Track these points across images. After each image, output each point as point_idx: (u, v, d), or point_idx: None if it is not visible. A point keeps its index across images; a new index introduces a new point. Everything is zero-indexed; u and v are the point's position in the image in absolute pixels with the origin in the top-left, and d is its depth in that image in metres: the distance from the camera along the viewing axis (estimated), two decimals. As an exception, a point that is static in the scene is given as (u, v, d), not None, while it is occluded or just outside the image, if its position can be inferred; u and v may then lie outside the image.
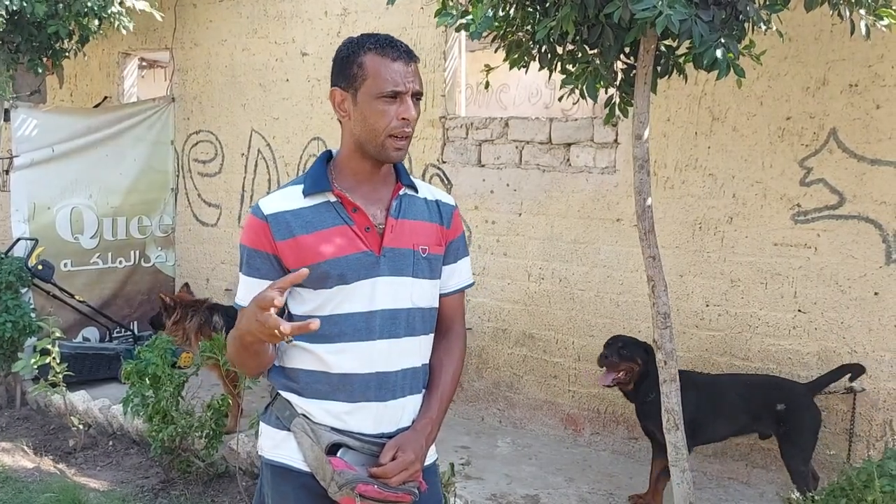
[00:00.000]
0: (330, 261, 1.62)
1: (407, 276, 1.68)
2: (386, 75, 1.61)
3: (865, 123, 3.59)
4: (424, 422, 1.69)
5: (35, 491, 3.75)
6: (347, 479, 1.56)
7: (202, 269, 6.25)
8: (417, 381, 1.73)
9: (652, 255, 2.92)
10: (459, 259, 1.83)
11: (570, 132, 4.42)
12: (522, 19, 2.91)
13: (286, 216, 1.64)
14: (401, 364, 1.68)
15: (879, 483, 2.32)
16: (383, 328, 1.66)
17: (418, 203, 1.75)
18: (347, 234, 1.64)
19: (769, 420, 3.48)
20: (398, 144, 1.64)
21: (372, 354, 1.65)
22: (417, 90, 1.65)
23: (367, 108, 1.63)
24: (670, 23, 2.31)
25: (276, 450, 1.71)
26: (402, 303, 1.68)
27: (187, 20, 6.14)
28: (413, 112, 1.63)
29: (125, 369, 3.90)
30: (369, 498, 1.56)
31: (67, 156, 5.65)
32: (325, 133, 5.46)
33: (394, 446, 1.61)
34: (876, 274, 3.61)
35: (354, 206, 1.66)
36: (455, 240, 1.81)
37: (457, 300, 1.84)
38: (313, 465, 1.63)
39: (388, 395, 1.66)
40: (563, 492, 3.80)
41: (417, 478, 1.62)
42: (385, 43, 1.65)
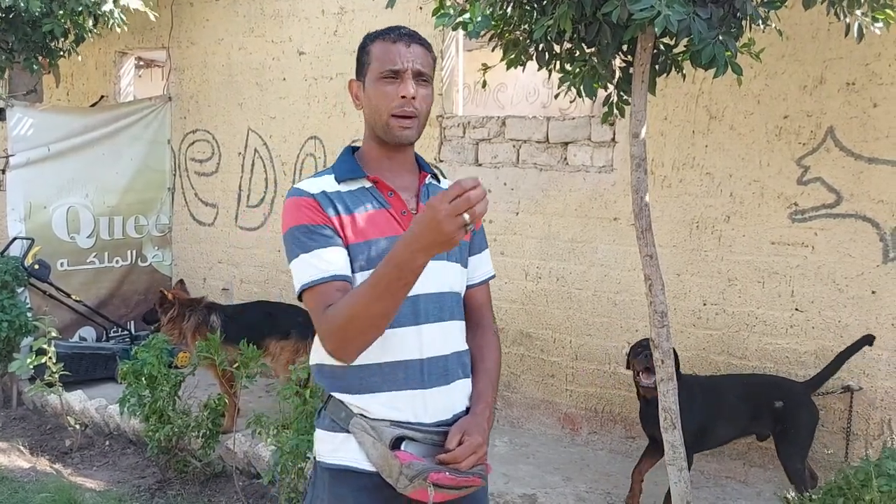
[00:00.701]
0: (373, 241, 1.62)
1: (443, 260, 1.68)
2: (384, 56, 1.64)
3: (863, 122, 3.59)
4: (482, 406, 1.69)
5: (31, 491, 3.74)
6: (418, 470, 1.53)
7: (199, 268, 6.24)
8: (464, 364, 1.73)
9: (649, 253, 2.92)
10: (483, 249, 1.86)
11: (568, 131, 4.41)
12: (520, 18, 2.91)
13: (329, 196, 1.65)
14: (449, 348, 1.69)
15: (877, 482, 2.31)
16: (429, 312, 1.65)
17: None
18: (386, 217, 1.66)
19: (767, 419, 3.48)
20: (402, 123, 1.64)
21: (421, 339, 1.64)
22: (419, 70, 1.64)
23: (372, 91, 1.66)
24: (669, 23, 2.30)
25: (335, 453, 1.66)
26: (443, 286, 1.68)
27: (184, 19, 6.13)
28: (411, 90, 1.62)
29: (122, 369, 3.90)
30: (443, 486, 1.53)
31: (64, 155, 5.64)
32: (322, 132, 5.45)
33: (459, 431, 1.59)
34: (873, 273, 3.61)
35: (391, 191, 1.68)
36: (478, 231, 1.84)
37: (485, 290, 1.86)
38: (378, 462, 1.60)
39: (440, 379, 1.66)
40: (560, 491, 3.80)
41: (484, 461, 1.61)
42: (390, 29, 1.69)
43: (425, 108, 1.68)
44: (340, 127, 5.35)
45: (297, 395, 3.33)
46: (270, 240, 5.79)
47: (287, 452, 3.21)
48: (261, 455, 3.88)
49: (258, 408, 4.21)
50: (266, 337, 4.46)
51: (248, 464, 3.97)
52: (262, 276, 5.85)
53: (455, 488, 1.56)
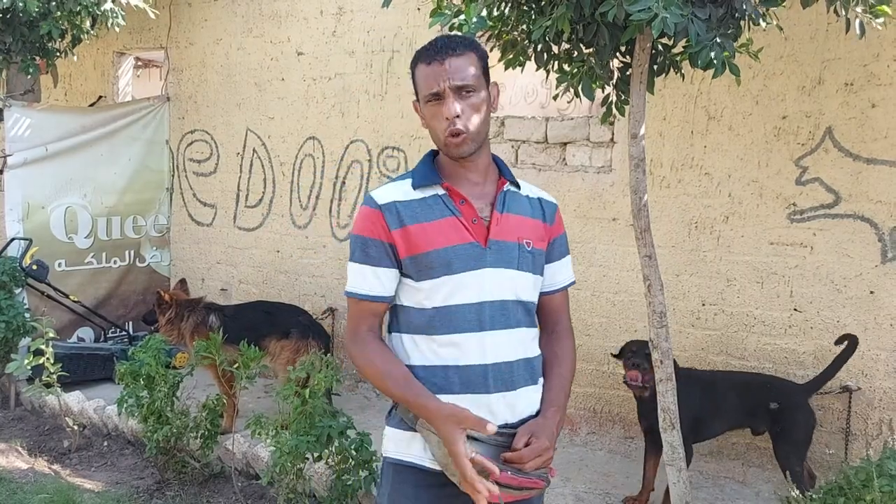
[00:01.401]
0: (438, 250, 1.67)
1: (512, 269, 1.71)
2: (423, 81, 1.70)
3: (861, 122, 3.59)
4: (553, 410, 1.71)
5: (29, 492, 3.73)
6: (481, 468, 1.55)
7: (197, 269, 6.24)
8: (532, 371, 1.75)
9: (648, 254, 2.92)
10: (564, 257, 1.88)
11: (566, 131, 4.41)
12: (517, 19, 2.90)
13: (397, 206, 1.70)
14: (515, 355, 1.71)
15: (879, 482, 2.31)
16: (494, 319, 1.69)
17: (521, 199, 1.80)
18: (455, 225, 1.69)
19: (763, 419, 3.48)
20: (455, 141, 1.68)
21: (485, 345, 1.68)
22: (458, 85, 1.66)
23: (426, 115, 1.73)
24: (666, 25, 2.30)
25: (404, 450, 1.73)
26: (508, 294, 1.71)
27: (182, 19, 6.12)
28: (452, 110, 1.65)
29: (120, 370, 3.89)
30: (505, 485, 1.56)
31: (62, 155, 5.63)
32: (320, 132, 5.45)
33: (527, 432, 1.62)
34: (871, 273, 3.61)
35: (462, 199, 1.72)
36: (558, 237, 1.86)
37: (563, 297, 1.89)
38: (442, 461, 1.63)
39: (505, 385, 1.69)
40: (559, 491, 3.79)
41: (549, 464, 1.63)
42: (425, 49, 1.72)
43: (478, 117, 1.69)
44: (339, 127, 5.35)
45: (296, 396, 3.33)
46: (269, 240, 5.78)
47: (286, 453, 3.20)
48: (259, 456, 3.87)
49: (257, 408, 4.21)
50: (266, 337, 4.46)
51: (247, 464, 3.97)
52: (260, 277, 5.84)
53: (517, 488, 1.59)
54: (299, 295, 5.56)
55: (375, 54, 5.14)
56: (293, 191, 5.62)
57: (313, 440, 3.19)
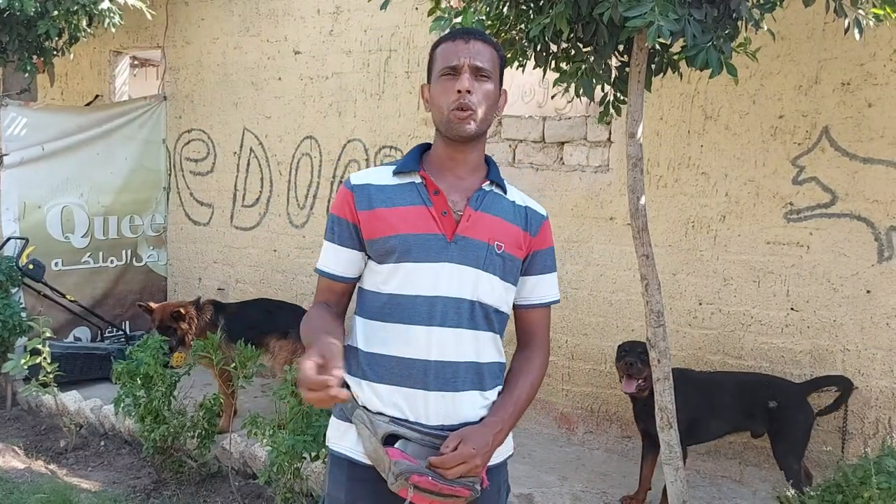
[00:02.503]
0: (399, 236, 1.65)
1: (475, 268, 1.67)
2: (442, 55, 1.69)
3: (857, 122, 3.60)
4: (495, 419, 1.66)
5: (26, 492, 3.72)
6: (402, 469, 1.54)
7: (194, 268, 6.23)
8: (480, 377, 1.69)
9: (645, 253, 2.92)
10: (546, 273, 1.81)
11: (564, 131, 4.42)
12: (516, 18, 2.91)
13: (370, 189, 1.70)
14: (461, 356, 1.66)
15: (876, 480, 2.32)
16: (445, 316, 1.65)
17: (504, 202, 1.76)
18: (423, 214, 1.67)
19: (762, 418, 3.49)
20: (461, 115, 1.65)
21: (431, 341, 1.64)
22: (477, 65, 1.65)
23: (435, 90, 1.70)
24: (661, 32, 2.31)
25: (338, 441, 1.73)
26: (466, 293, 1.66)
27: (179, 18, 6.11)
28: (466, 83, 1.64)
29: (116, 369, 3.88)
30: (423, 489, 1.53)
31: (58, 154, 5.62)
32: (317, 132, 5.44)
33: (457, 437, 1.58)
34: (868, 272, 3.62)
35: (436, 189, 1.70)
36: (542, 251, 1.79)
37: (541, 314, 1.82)
38: (372, 456, 1.62)
39: (446, 385, 1.65)
40: (556, 490, 3.80)
41: (477, 473, 1.57)
42: (451, 31, 1.73)
43: (486, 104, 1.68)
44: (336, 126, 5.34)
45: (293, 396, 3.33)
46: (266, 239, 5.78)
47: (283, 453, 3.20)
48: (257, 455, 3.87)
49: (254, 408, 4.20)
50: (266, 335, 4.46)
51: (244, 464, 3.97)
52: (257, 276, 5.84)
53: (436, 494, 1.54)
54: (296, 294, 5.55)
55: (373, 53, 5.14)
56: (290, 190, 5.62)
57: (310, 439, 3.19)
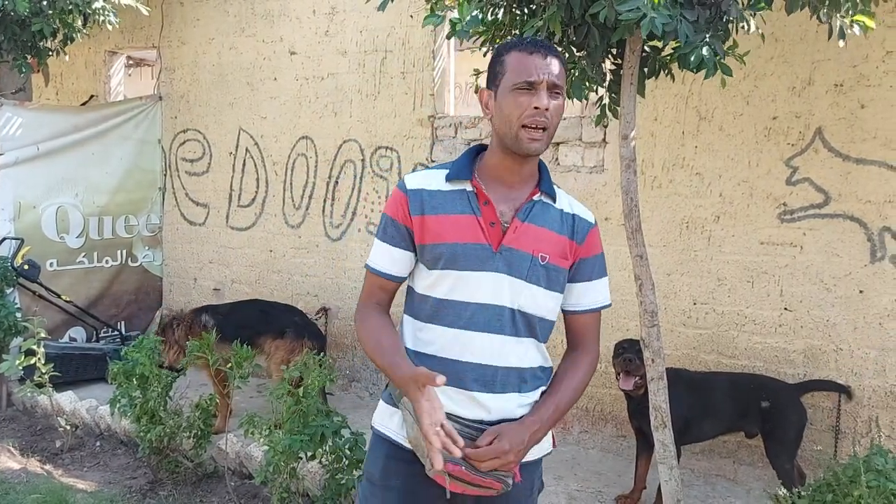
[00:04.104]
0: (447, 244, 1.69)
1: (519, 279, 1.71)
2: (521, 67, 1.66)
3: (850, 123, 3.62)
4: (534, 418, 1.70)
5: (22, 492, 3.72)
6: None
7: (190, 268, 6.23)
8: (523, 382, 1.74)
9: (639, 253, 2.94)
10: (595, 279, 1.85)
11: (559, 131, 4.41)
12: (510, 23, 2.92)
13: (423, 194, 1.74)
14: (502, 361, 1.71)
15: (865, 478, 2.35)
16: (489, 322, 1.70)
17: (552, 212, 1.77)
18: (472, 223, 1.70)
19: (755, 418, 3.51)
20: (532, 135, 1.66)
21: (473, 345, 1.69)
22: (554, 82, 1.66)
23: (504, 101, 1.68)
24: (654, 26, 2.32)
25: (384, 422, 1.82)
26: (507, 301, 1.71)
27: (174, 18, 6.11)
28: (545, 101, 1.64)
29: (112, 370, 3.88)
30: (456, 478, 1.59)
31: (53, 154, 5.60)
32: (313, 132, 5.45)
33: (493, 433, 1.64)
34: (861, 272, 3.64)
35: (486, 199, 1.72)
36: (589, 258, 1.83)
37: (590, 318, 1.86)
38: (413, 441, 1.68)
39: (489, 388, 1.70)
40: (552, 490, 3.81)
41: (510, 468, 1.63)
42: (528, 41, 1.71)
43: (556, 121, 1.70)
44: (332, 127, 5.35)
45: (289, 395, 3.33)
46: (262, 239, 5.78)
47: (280, 452, 3.21)
48: (253, 455, 3.88)
49: (250, 407, 4.20)
50: (261, 335, 4.46)
51: (240, 464, 3.97)
52: (253, 276, 5.84)
53: (470, 484, 1.62)
54: (292, 294, 5.56)
55: (368, 54, 5.14)
56: (286, 190, 5.62)
57: (307, 439, 3.20)
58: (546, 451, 1.84)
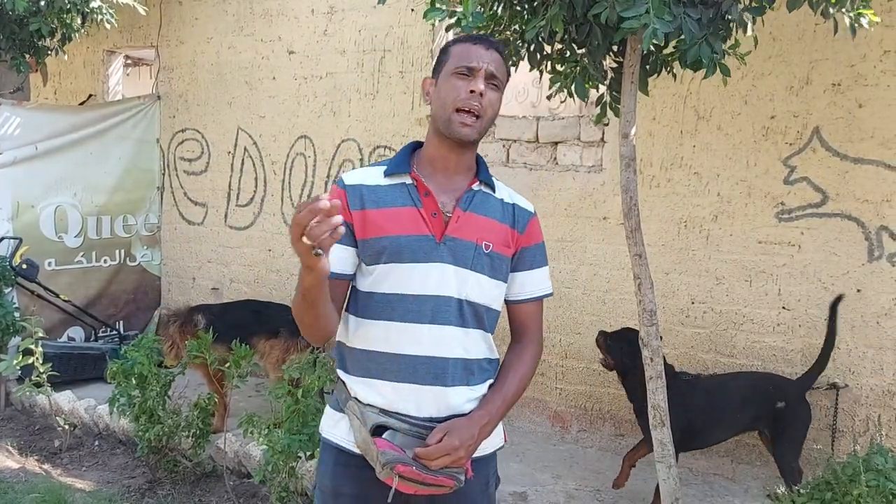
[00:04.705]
0: (390, 237, 1.68)
1: (464, 268, 1.70)
2: (461, 53, 1.70)
3: (848, 122, 3.63)
4: (482, 412, 1.70)
5: (20, 492, 3.72)
6: (388, 459, 1.59)
7: (188, 268, 6.22)
8: (468, 373, 1.73)
9: (638, 252, 2.94)
10: (536, 267, 1.84)
11: (557, 131, 4.44)
12: (510, 18, 2.92)
13: (362, 189, 1.72)
14: (450, 352, 1.70)
15: (865, 477, 2.35)
16: (435, 314, 1.68)
17: (492, 201, 1.79)
18: (414, 215, 1.70)
19: (767, 418, 3.48)
20: (464, 119, 1.68)
21: (421, 338, 1.68)
22: (492, 72, 1.69)
23: (443, 85, 1.71)
24: (656, 35, 2.33)
25: (331, 430, 1.80)
26: (454, 292, 1.70)
27: (173, 17, 6.10)
28: (481, 86, 1.67)
29: (111, 369, 3.88)
30: (407, 478, 1.59)
31: (51, 154, 5.60)
32: (311, 131, 5.45)
33: (442, 430, 1.63)
34: (858, 271, 3.65)
35: (427, 191, 1.72)
36: (530, 247, 1.83)
37: (532, 308, 1.85)
38: (362, 446, 1.68)
39: (435, 380, 1.69)
40: (550, 489, 3.82)
41: (461, 465, 1.63)
42: (471, 35, 1.76)
43: (491, 112, 1.71)
44: (330, 126, 5.35)
45: (289, 395, 3.33)
46: (260, 239, 5.78)
47: (278, 452, 3.21)
48: (251, 454, 3.88)
49: (249, 407, 4.21)
50: (254, 336, 4.45)
51: (239, 463, 3.97)
52: (251, 276, 5.84)
53: (421, 484, 1.60)
54: (290, 294, 5.52)
55: (367, 53, 5.14)
56: (284, 189, 5.62)
57: (306, 439, 3.20)
58: (497, 445, 1.84)
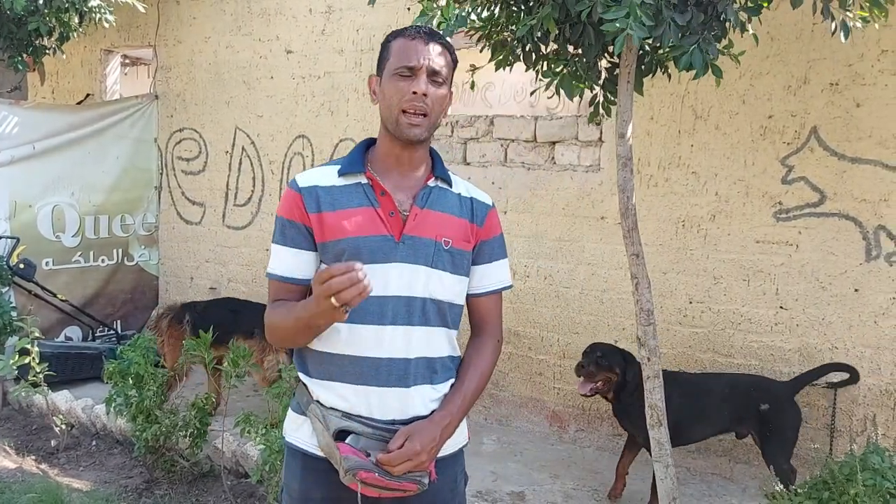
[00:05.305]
0: (348, 239, 1.64)
1: (424, 266, 1.68)
2: (401, 52, 1.66)
3: (846, 122, 3.63)
4: (443, 413, 1.68)
5: (17, 492, 3.71)
6: (350, 465, 1.58)
7: (186, 267, 6.22)
8: (431, 372, 1.71)
9: (635, 252, 2.94)
10: (494, 260, 1.82)
11: (555, 130, 4.44)
12: (507, 19, 2.92)
13: (318, 191, 1.69)
14: (413, 352, 1.68)
15: (862, 477, 2.35)
16: (397, 314, 1.66)
17: (449, 197, 1.77)
18: (371, 215, 1.67)
19: (752, 419, 3.49)
20: (411, 121, 1.65)
21: (383, 339, 1.66)
22: (434, 69, 1.64)
23: (386, 86, 1.67)
24: (633, 39, 2.33)
25: (294, 433, 1.77)
26: (417, 291, 1.68)
27: (170, 17, 6.10)
28: (423, 86, 1.63)
29: (108, 369, 3.88)
30: (370, 484, 1.58)
31: (49, 153, 5.59)
32: (309, 131, 5.44)
33: (404, 434, 1.61)
34: (856, 271, 3.65)
35: (383, 190, 1.69)
36: (489, 240, 1.81)
37: (491, 301, 1.83)
38: (325, 450, 1.66)
39: (397, 381, 1.66)
40: (548, 488, 3.82)
41: (424, 468, 1.61)
42: (408, 28, 1.70)
43: (437, 108, 1.68)
44: (328, 126, 5.35)
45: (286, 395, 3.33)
46: (258, 238, 5.77)
47: (276, 451, 3.21)
48: (249, 454, 3.87)
49: (246, 407, 4.20)
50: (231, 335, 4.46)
51: (237, 463, 3.97)
52: (249, 275, 5.84)
53: (384, 489, 1.59)
54: (288, 293, 5.55)
55: (364, 53, 5.14)
56: (282, 189, 5.62)
57: (303, 438, 3.19)
58: (462, 443, 1.82)
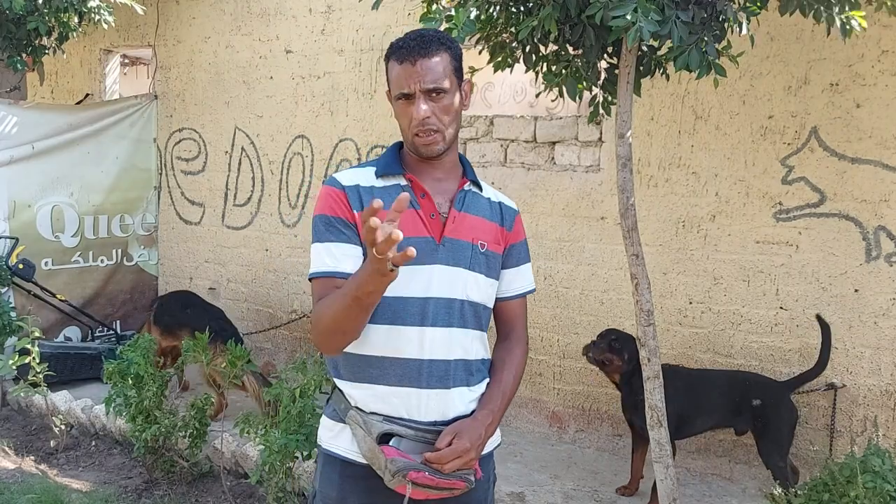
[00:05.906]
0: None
1: (463, 268, 1.70)
2: (396, 79, 1.67)
3: (846, 122, 3.63)
4: (485, 412, 1.70)
5: (16, 492, 3.71)
6: (399, 467, 1.57)
7: (185, 267, 6.21)
8: (468, 374, 1.73)
9: (635, 252, 2.94)
10: (521, 264, 1.86)
11: (555, 130, 4.43)
12: (506, 20, 2.92)
13: (360, 190, 1.68)
14: (453, 354, 1.69)
15: (862, 479, 2.35)
16: (437, 316, 1.67)
17: (482, 201, 1.79)
18: (413, 217, 1.67)
19: (746, 415, 3.51)
20: (424, 140, 1.67)
21: (424, 340, 1.66)
22: (429, 88, 1.63)
23: (395, 108, 1.70)
24: (643, 33, 2.32)
25: (332, 441, 1.75)
26: (457, 293, 1.69)
27: (170, 17, 6.09)
28: (422, 112, 1.63)
29: (107, 369, 3.87)
30: (421, 485, 1.57)
31: (48, 153, 5.59)
32: (309, 131, 5.44)
33: (451, 433, 1.61)
34: (856, 271, 3.65)
35: (423, 192, 1.70)
36: (517, 244, 1.85)
37: (519, 305, 1.87)
38: (367, 455, 1.65)
39: (439, 382, 1.67)
40: (548, 489, 3.82)
41: (472, 465, 1.62)
42: (398, 46, 1.68)
43: (448, 118, 1.68)
44: (328, 126, 5.34)
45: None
46: (257, 239, 5.77)
47: (275, 452, 3.20)
48: (248, 454, 3.87)
49: (245, 407, 4.20)
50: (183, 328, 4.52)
51: (236, 463, 3.97)
52: (248, 276, 5.83)
53: (434, 488, 1.59)
54: (288, 294, 5.55)
55: (364, 53, 5.14)
56: (282, 189, 5.61)
57: (303, 439, 3.19)
58: (496, 443, 1.83)
